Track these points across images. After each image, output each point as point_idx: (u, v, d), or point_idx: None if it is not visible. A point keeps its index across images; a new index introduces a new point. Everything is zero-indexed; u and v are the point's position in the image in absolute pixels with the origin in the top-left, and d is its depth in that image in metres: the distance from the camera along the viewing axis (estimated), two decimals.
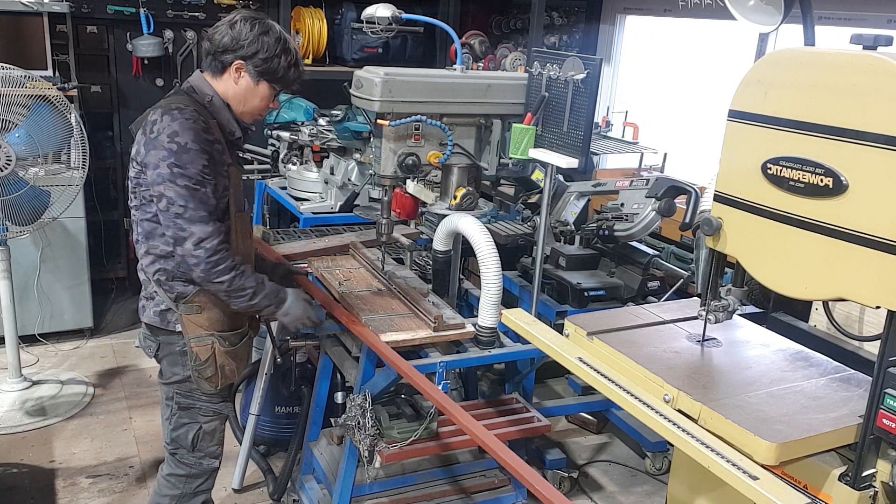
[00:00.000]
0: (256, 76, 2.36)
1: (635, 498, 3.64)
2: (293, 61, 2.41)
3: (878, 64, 1.70)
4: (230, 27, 2.34)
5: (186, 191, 2.20)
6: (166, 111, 2.25)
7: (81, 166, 3.84)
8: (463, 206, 3.14)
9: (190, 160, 2.20)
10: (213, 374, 2.45)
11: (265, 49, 2.33)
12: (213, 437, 2.59)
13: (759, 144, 1.95)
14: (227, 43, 2.33)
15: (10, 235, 3.78)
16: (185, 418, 2.53)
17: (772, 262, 1.98)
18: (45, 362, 4.52)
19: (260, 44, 2.33)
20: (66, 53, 4.74)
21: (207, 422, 2.55)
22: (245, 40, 2.32)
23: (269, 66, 2.36)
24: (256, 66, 2.35)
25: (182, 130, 2.21)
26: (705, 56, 4.72)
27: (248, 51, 2.33)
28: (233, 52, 2.33)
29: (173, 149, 2.20)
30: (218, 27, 2.37)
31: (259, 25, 2.34)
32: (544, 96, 3.12)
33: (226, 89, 2.39)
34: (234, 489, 3.44)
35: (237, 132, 2.42)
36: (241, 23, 2.33)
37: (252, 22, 2.34)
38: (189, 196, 2.21)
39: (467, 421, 2.35)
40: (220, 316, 2.43)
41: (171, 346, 2.46)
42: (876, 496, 1.86)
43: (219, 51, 2.34)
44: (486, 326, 2.97)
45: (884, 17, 3.62)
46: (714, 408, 1.98)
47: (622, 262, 3.63)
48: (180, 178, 2.20)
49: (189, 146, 2.21)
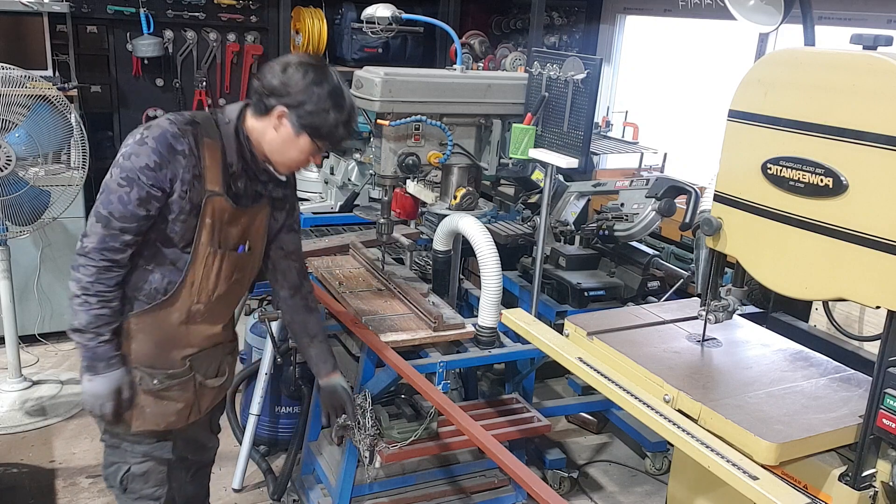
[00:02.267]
0: (299, 127, 2.11)
1: (635, 498, 3.64)
2: (344, 119, 2.15)
3: (878, 64, 1.70)
4: (282, 69, 2.11)
5: (112, 182, 2.03)
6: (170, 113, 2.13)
7: (81, 166, 3.84)
8: (463, 206, 3.14)
9: (138, 154, 2.01)
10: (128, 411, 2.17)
11: (314, 101, 2.08)
12: (147, 479, 2.28)
13: (759, 144, 1.95)
14: (274, 86, 2.09)
15: (10, 235, 3.78)
16: (114, 456, 2.27)
17: (772, 262, 1.98)
18: (45, 362, 4.52)
19: (309, 94, 2.08)
20: (66, 53, 4.74)
21: (138, 463, 2.26)
22: (294, 87, 2.08)
23: (315, 121, 2.10)
24: (301, 118, 2.10)
25: (155, 126, 2.05)
26: (705, 56, 4.72)
27: (294, 99, 2.08)
28: (278, 96, 2.09)
29: (136, 139, 2.04)
30: (271, 66, 2.14)
31: (313, 73, 2.09)
32: (544, 96, 3.12)
33: (263, 131, 2.15)
34: (234, 489, 3.44)
35: (235, 165, 2.15)
36: (295, 67, 2.10)
37: (306, 68, 2.10)
38: (108, 189, 2.03)
39: (466, 422, 2.35)
40: (152, 349, 2.16)
41: None
42: (876, 496, 1.86)
43: (265, 92, 2.11)
44: (486, 326, 2.97)
45: (884, 17, 3.62)
46: (714, 408, 1.98)
47: (622, 262, 3.63)
48: (117, 167, 2.04)
49: (147, 141, 2.01)
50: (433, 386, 2.69)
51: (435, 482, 3.29)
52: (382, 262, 3.39)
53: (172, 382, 2.21)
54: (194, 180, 2.07)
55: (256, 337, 3.66)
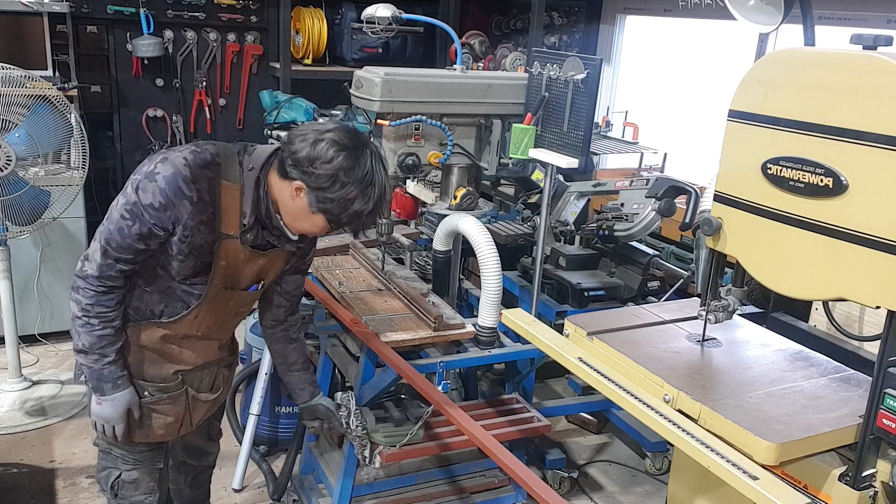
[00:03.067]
0: (316, 208, 1.96)
1: (635, 498, 3.64)
2: (368, 210, 1.99)
3: (878, 64, 1.70)
4: (314, 141, 1.93)
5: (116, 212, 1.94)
6: (195, 144, 1.99)
7: (81, 166, 3.84)
8: (463, 206, 3.14)
9: (145, 189, 1.90)
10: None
11: (337, 189, 1.92)
12: (136, 486, 2.26)
13: (759, 144, 1.95)
14: (300, 158, 1.93)
15: (10, 235, 3.78)
16: (106, 461, 2.26)
17: (772, 262, 1.98)
18: (45, 362, 4.52)
19: (334, 181, 1.91)
20: (66, 53, 4.74)
21: (128, 470, 2.24)
22: (320, 169, 1.91)
23: (334, 208, 1.96)
24: (319, 201, 1.95)
25: (171, 162, 1.91)
26: (705, 56, 4.72)
27: (316, 182, 1.92)
28: (301, 170, 1.93)
29: (149, 169, 1.92)
30: (304, 131, 1.98)
31: (344, 158, 1.91)
32: (544, 96, 3.12)
33: (280, 192, 2.01)
34: (234, 489, 3.44)
35: (247, 219, 2.03)
36: (328, 144, 1.92)
37: (339, 150, 1.92)
38: (112, 219, 1.95)
39: (466, 422, 2.35)
40: (142, 361, 2.13)
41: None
42: (876, 496, 1.86)
43: (289, 159, 1.95)
44: (486, 326, 2.97)
45: (884, 17, 3.62)
46: (714, 408, 1.98)
47: (622, 262, 3.63)
48: (124, 196, 1.93)
49: (157, 178, 1.89)
50: (433, 386, 2.69)
51: (435, 482, 3.29)
52: (382, 262, 3.39)
53: (163, 396, 2.17)
54: (200, 225, 1.96)
55: (256, 337, 3.66)
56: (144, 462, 2.26)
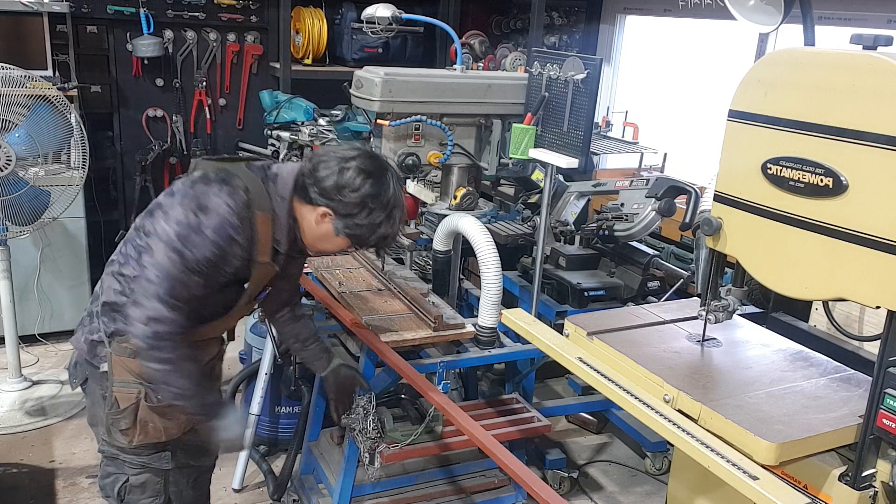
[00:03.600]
0: (343, 234, 2.03)
1: (635, 498, 3.64)
2: (393, 232, 2.08)
3: (878, 64, 1.70)
4: (339, 170, 1.97)
5: (172, 267, 1.93)
6: (221, 180, 1.97)
7: (81, 166, 3.84)
8: (463, 206, 3.14)
9: (196, 244, 1.91)
10: (130, 427, 2.13)
11: (364, 216, 1.99)
12: (143, 490, 2.26)
13: (759, 144, 1.95)
14: (327, 187, 1.97)
15: (10, 235, 3.78)
16: (112, 467, 2.24)
17: (772, 262, 1.98)
18: (45, 362, 4.52)
19: (361, 208, 1.98)
20: (66, 53, 4.74)
21: (136, 474, 2.23)
22: (347, 197, 1.97)
23: (361, 233, 2.03)
24: (347, 227, 2.01)
25: (212, 210, 1.92)
26: (705, 56, 4.72)
27: (344, 209, 1.98)
28: (328, 198, 1.98)
29: (191, 220, 1.91)
30: (327, 158, 2.01)
31: (370, 185, 1.97)
32: (544, 96, 3.12)
33: (302, 217, 2.05)
34: (234, 489, 3.44)
35: (283, 245, 2.09)
36: (354, 172, 1.97)
37: (366, 177, 1.97)
38: (169, 275, 1.93)
39: (466, 422, 2.35)
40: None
41: (96, 385, 2.19)
42: (876, 496, 1.86)
43: (314, 185, 1.99)
44: (486, 326, 2.97)
45: (884, 17, 3.62)
46: (714, 408, 1.98)
47: (622, 262, 3.63)
48: (175, 252, 1.92)
49: (206, 231, 1.91)
50: (433, 386, 2.69)
51: (435, 482, 3.29)
52: (382, 262, 3.39)
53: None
54: (244, 260, 2.03)
55: (256, 337, 3.66)
56: (151, 465, 2.26)
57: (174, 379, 2.02)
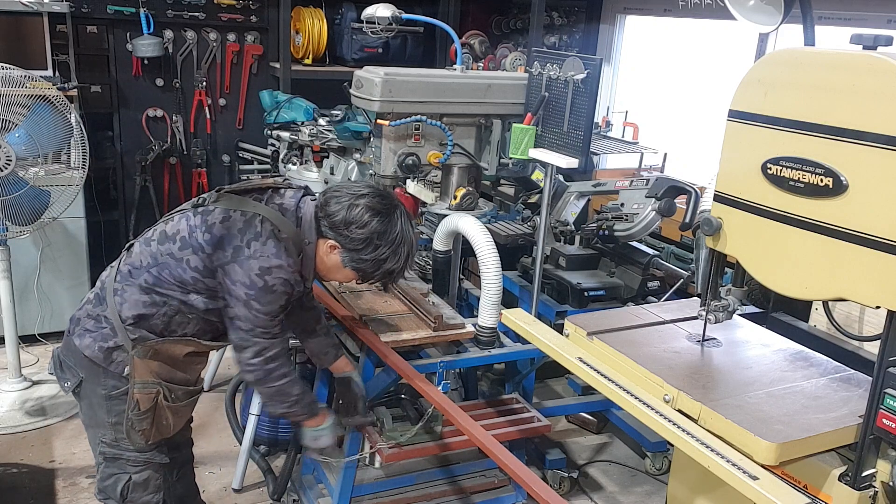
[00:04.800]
0: (350, 265, 2.22)
1: (635, 498, 3.64)
2: (399, 268, 2.24)
3: (878, 64, 1.70)
4: (349, 205, 2.15)
5: (256, 317, 2.13)
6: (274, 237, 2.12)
7: (81, 166, 3.84)
8: (463, 206, 3.14)
9: (270, 301, 2.12)
10: (149, 427, 2.22)
11: (370, 252, 2.16)
12: (146, 486, 2.33)
13: (759, 144, 1.95)
14: (336, 221, 2.15)
15: (10, 235, 3.78)
16: (113, 468, 2.29)
17: (772, 262, 1.98)
18: (45, 362, 4.51)
19: (367, 244, 2.15)
20: (66, 53, 4.74)
21: (137, 472, 2.30)
22: (354, 233, 2.14)
23: (367, 268, 2.21)
24: (353, 261, 2.20)
25: (276, 271, 2.09)
26: (705, 56, 4.72)
27: (351, 244, 2.16)
28: (336, 232, 2.16)
29: (259, 284, 2.09)
30: (339, 194, 2.19)
31: (378, 222, 2.14)
32: (544, 96, 3.12)
33: (314, 249, 2.24)
34: (234, 489, 3.44)
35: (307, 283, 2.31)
36: (363, 210, 2.14)
37: (374, 215, 2.14)
38: (258, 321, 2.14)
39: (466, 422, 2.35)
40: (174, 367, 2.26)
41: (98, 387, 2.22)
42: (876, 496, 1.86)
43: (324, 219, 2.18)
44: (486, 326, 2.97)
45: (884, 17, 3.62)
46: (714, 408, 1.98)
47: (622, 262, 3.63)
48: (254, 308, 2.12)
49: (276, 288, 2.11)
50: (433, 386, 2.69)
51: (435, 482, 3.29)
52: None
53: (187, 399, 2.33)
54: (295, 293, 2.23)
55: None
56: (153, 460, 2.32)
57: (290, 388, 2.27)
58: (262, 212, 2.14)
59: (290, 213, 2.19)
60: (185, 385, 2.29)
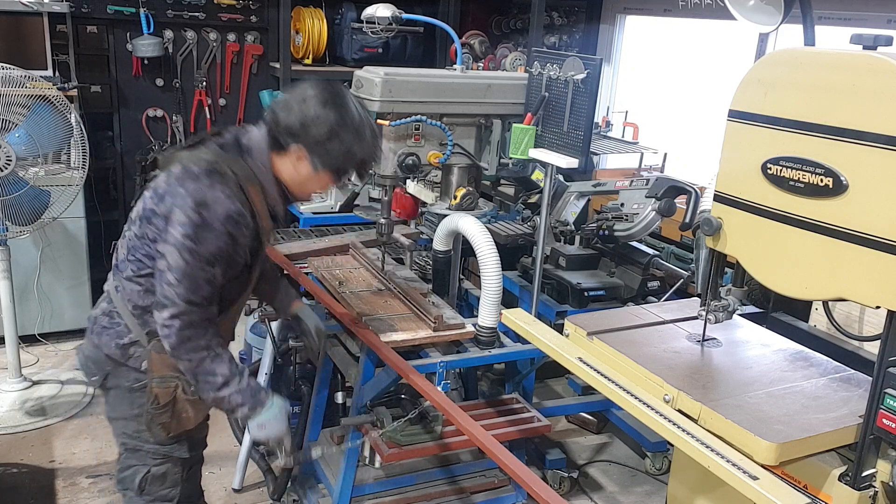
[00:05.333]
0: (321, 168, 2.07)
1: (635, 498, 3.64)
2: (368, 153, 2.12)
3: (878, 64, 1.70)
4: (300, 107, 2.02)
5: (189, 267, 1.98)
6: (207, 171, 2.01)
7: (81, 166, 3.84)
8: (463, 206, 3.14)
9: (207, 239, 1.97)
10: (170, 420, 2.20)
11: (335, 142, 2.03)
12: (164, 480, 2.32)
13: (759, 144, 1.95)
14: (293, 125, 2.02)
15: (10, 235, 3.78)
16: (133, 460, 2.29)
17: (772, 262, 1.98)
18: (45, 362, 4.52)
19: (330, 135, 2.02)
20: (66, 53, 4.74)
21: (157, 465, 2.30)
22: (313, 128, 2.01)
23: (337, 161, 2.07)
24: (322, 158, 2.05)
25: (213, 204, 1.97)
26: (705, 56, 4.72)
27: (314, 141, 2.03)
28: (296, 137, 2.03)
29: (194, 220, 1.96)
30: (287, 102, 2.06)
31: (332, 110, 2.02)
32: (544, 96, 3.12)
33: (281, 169, 2.11)
34: (234, 489, 3.44)
35: (279, 211, 2.17)
36: (315, 104, 2.01)
37: (324, 104, 2.02)
38: (189, 273, 1.98)
39: (466, 422, 2.35)
40: None
41: (121, 380, 2.22)
42: (876, 496, 1.86)
43: (281, 130, 2.05)
44: (486, 326, 2.97)
45: (884, 17, 3.62)
46: (714, 408, 1.98)
47: (622, 262, 3.63)
48: (189, 252, 1.97)
49: (213, 225, 1.97)
50: (433, 386, 2.69)
51: (435, 482, 3.29)
52: (382, 262, 3.39)
53: None
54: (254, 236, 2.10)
55: (256, 337, 3.66)
56: (172, 454, 2.32)
57: (214, 366, 2.08)
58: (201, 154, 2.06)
59: (229, 146, 2.11)
60: None
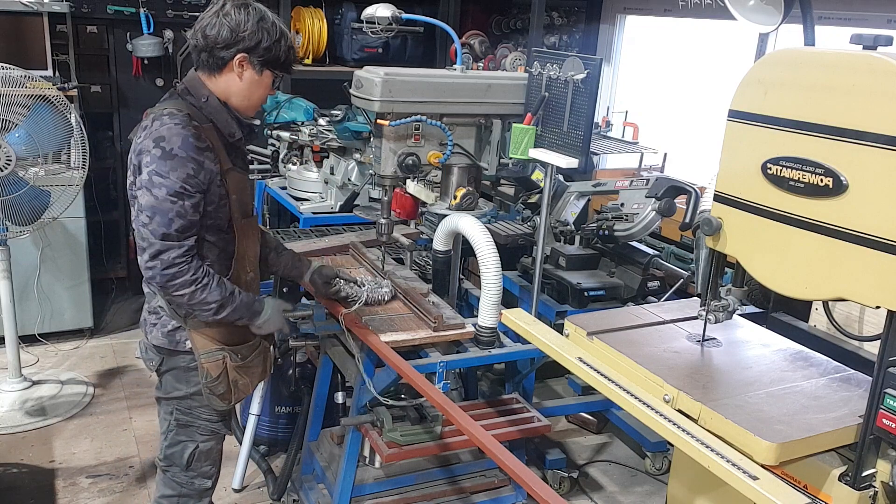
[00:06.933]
0: (260, 67, 2.22)
1: (635, 498, 3.64)
2: (290, 43, 2.27)
3: (878, 64, 1.70)
4: (223, 17, 2.16)
5: (160, 202, 2.08)
6: (157, 117, 2.16)
7: (81, 166, 3.84)
8: (463, 206, 3.14)
9: (172, 167, 2.07)
10: (227, 390, 2.35)
11: (266, 37, 2.17)
12: (208, 456, 2.47)
13: (759, 144, 1.95)
14: (225, 37, 2.16)
15: (10, 235, 3.78)
16: (183, 436, 2.43)
17: (772, 262, 1.98)
18: (45, 362, 4.52)
19: (261, 32, 2.17)
20: (66, 53, 4.74)
21: (204, 440, 2.45)
22: (245, 31, 2.16)
23: (273, 55, 2.21)
24: (260, 57, 2.20)
25: (169, 135, 2.09)
26: (705, 56, 4.72)
27: (250, 42, 2.17)
28: (233, 45, 2.17)
29: (157, 154, 2.08)
30: (206, 20, 2.19)
31: (253, 12, 2.18)
32: (544, 96, 3.11)
33: (227, 86, 2.24)
34: (234, 489, 3.44)
35: (237, 133, 2.27)
36: (235, 11, 2.16)
37: (244, 9, 2.17)
38: (158, 207, 2.08)
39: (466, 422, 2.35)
40: (229, 329, 2.33)
41: (176, 361, 2.36)
42: (876, 496, 1.86)
43: (217, 46, 2.18)
44: (486, 326, 2.97)
45: (884, 17, 3.62)
46: (714, 408, 1.98)
47: (622, 262, 3.63)
48: (158, 187, 2.08)
49: (174, 152, 2.08)
50: (433, 386, 2.69)
51: (435, 482, 3.29)
52: (382, 262, 3.38)
53: (253, 353, 2.42)
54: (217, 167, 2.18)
55: None
56: (219, 431, 2.48)
57: (205, 296, 2.17)
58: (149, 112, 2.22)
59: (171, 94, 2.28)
60: (245, 342, 2.38)
